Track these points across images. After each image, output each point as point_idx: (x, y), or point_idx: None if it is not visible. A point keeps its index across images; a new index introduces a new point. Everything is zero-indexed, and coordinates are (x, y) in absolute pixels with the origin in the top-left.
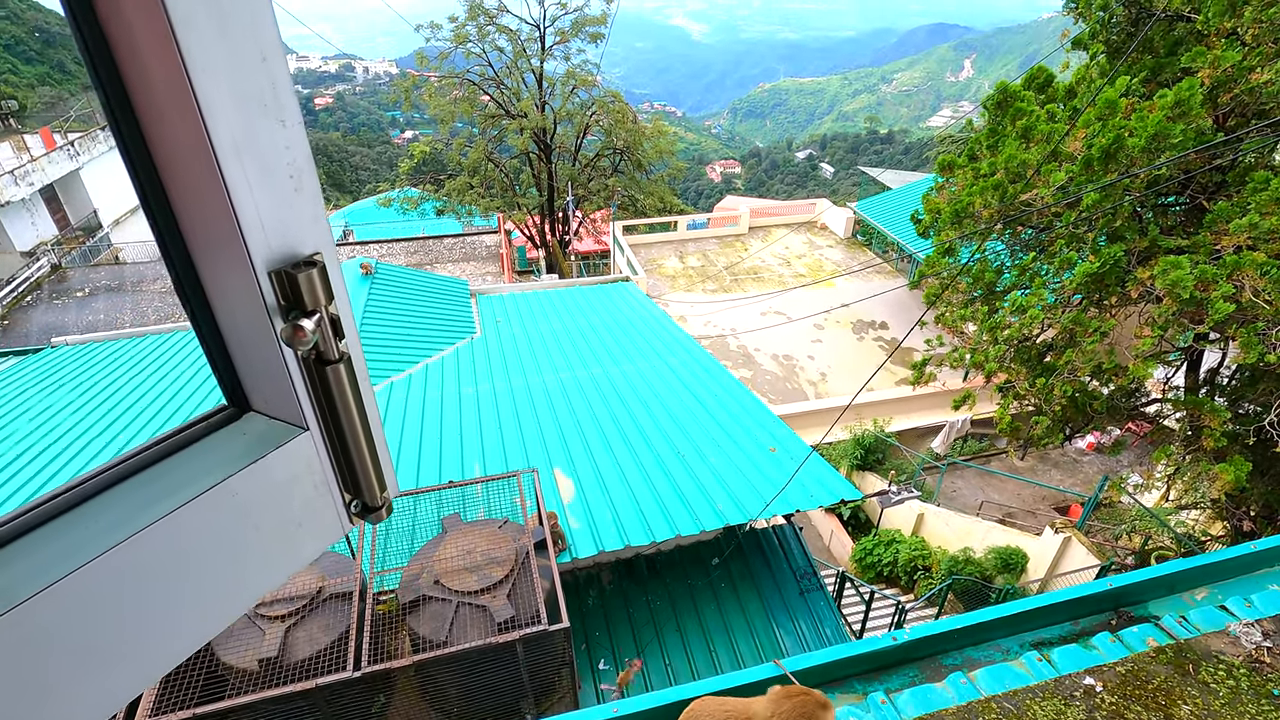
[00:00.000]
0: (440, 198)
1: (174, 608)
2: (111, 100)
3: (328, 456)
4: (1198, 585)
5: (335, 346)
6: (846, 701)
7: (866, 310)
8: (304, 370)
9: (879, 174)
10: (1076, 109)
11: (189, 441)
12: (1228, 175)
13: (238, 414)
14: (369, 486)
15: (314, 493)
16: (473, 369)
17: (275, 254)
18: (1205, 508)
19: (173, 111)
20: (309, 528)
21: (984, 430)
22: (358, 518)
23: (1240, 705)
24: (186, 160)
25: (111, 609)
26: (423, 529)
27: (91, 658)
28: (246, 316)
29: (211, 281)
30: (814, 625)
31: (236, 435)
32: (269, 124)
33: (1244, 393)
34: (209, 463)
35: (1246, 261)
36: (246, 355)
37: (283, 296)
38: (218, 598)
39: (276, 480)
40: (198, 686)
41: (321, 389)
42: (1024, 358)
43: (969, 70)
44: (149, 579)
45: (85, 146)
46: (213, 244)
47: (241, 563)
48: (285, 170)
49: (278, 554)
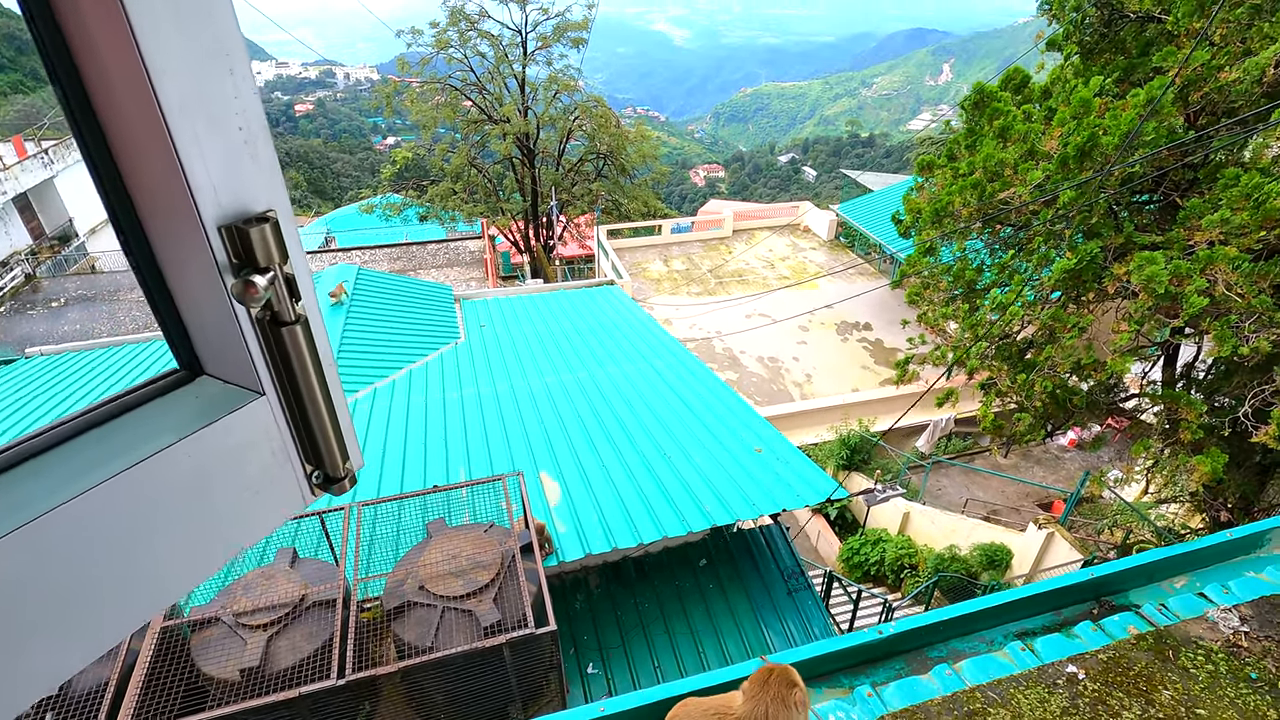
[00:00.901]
0: (423, 204)
1: (124, 575)
2: (49, 46)
3: (286, 423)
4: (1177, 574)
5: (291, 307)
6: (833, 696)
7: (850, 312)
8: (258, 332)
9: (861, 177)
10: (1052, 109)
11: (138, 403)
12: (1199, 173)
13: (190, 377)
14: (330, 456)
15: (272, 460)
16: (457, 374)
17: (225, 209)
18: (1184, 501)
19: (113, 56)
20: (267, 497)
21: (967, 429)
22: (319, 489)
23: (1219, 689)
24: (129, 109)
25: (53, 575)
26: (407, 535)
27: (32, 625)
28: (196, 275)
29: (159, 238)
30: (802, 625)
31: (189, 398)
32: (216, 71)
33: (1219, 386)
34: (159, 425)
35: (1219, 256)
36: (198, 315)
37: (234, 254)
38: (171, 566)
39: (231, 445)
40: (177, 698)
41: (277, 351)
42: (1005, 354)
43: (947, 74)
44: (95, 543)
45: (59, 155)
46: (159, 199)
47: (196, 531)
48: (234, 121)
49: (234, 523)
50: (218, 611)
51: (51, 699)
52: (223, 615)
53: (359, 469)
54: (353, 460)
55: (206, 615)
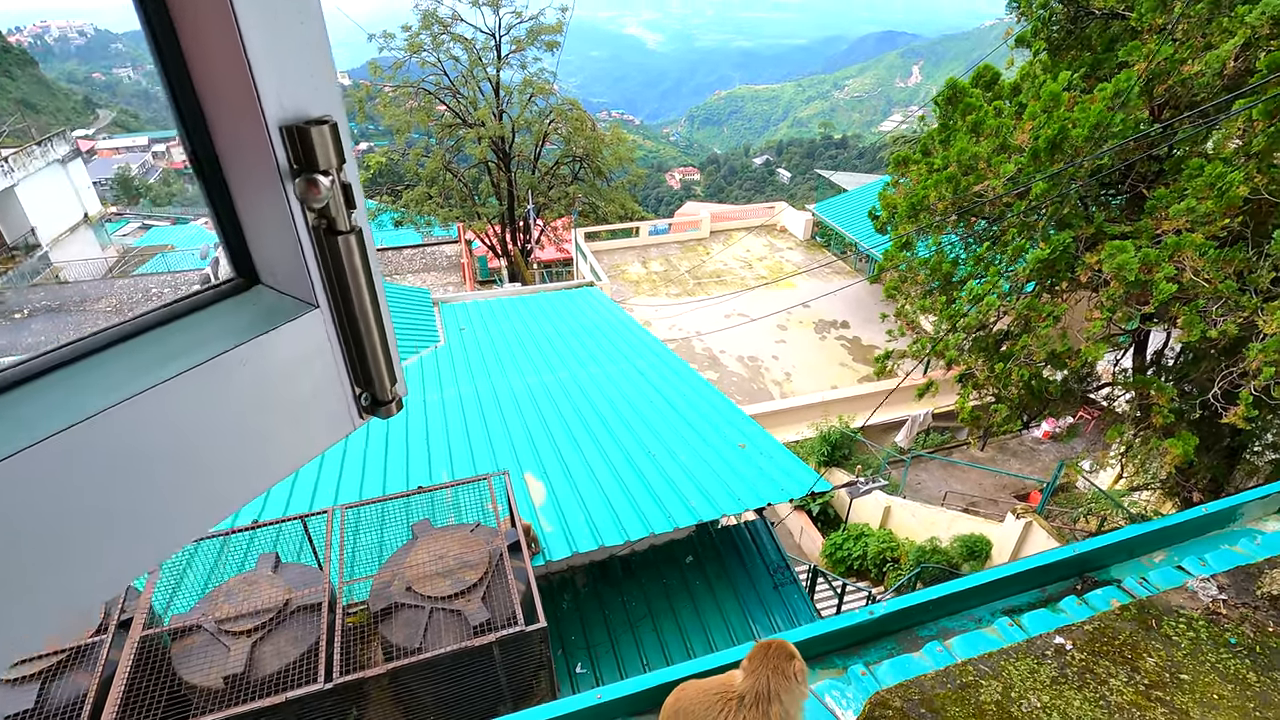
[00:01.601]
0: (398, 209)
1: (182, 481)
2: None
3: (338, 340)
4: (1155, 549)
5: (347, 216)
6: (827, 676)
7: (828, 310)
8: (315, 241)
9: (835, 177)
10: (1022, 104)
11: (195, 308)
12: (1165, 164)
13: (246, 285)
14: (379, 377)
15: (323, 376)
16: (438, 377)
17: (287, 109)
18: (1156, 488)
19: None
20: (319, 415)
21: (945, 424)
22: (367, 412)
23: (1201, 655)
24: (201, 4)
25: (114, 473)
26: (392, 537)
27: (92, 521)
28: (257, 177)
29: (223, 138)
30: (789, 618)
31: (245, 306)
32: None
33: (1188, 371)
34: (216, 330)
35: (1186, 244)
36: (257, 222)
37: (295, 157)
38: (225, 475)
39: (286, 356)
40: (159, 708)
41: (333, 261)
42: (982, 346)
43: (917, 76)
44: (155, 445)
45: (20, 163)
46: (225, 96)
47: (250, 440)
48: (298, 20)
49: (287, 437)
50: (199, 619)
51: (29, 712)
52: (204, 622)
53: (404, 395)
54: (399, 385)
55: (187, 623)
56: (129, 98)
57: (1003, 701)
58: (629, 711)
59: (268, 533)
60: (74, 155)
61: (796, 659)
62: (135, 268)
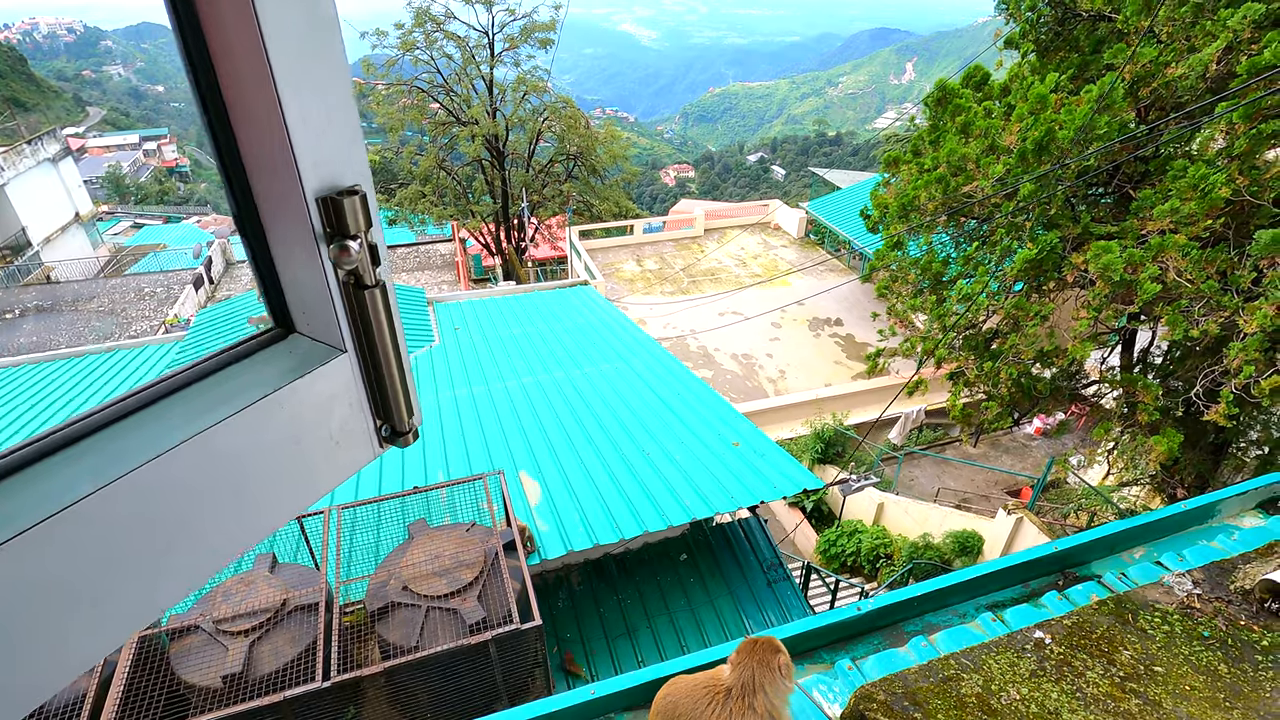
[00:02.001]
0: (391, 207)
1: (228, 511)
2: (187, 35)
3: (363, 379)
4: (1136, 544)
5: (373, 272)
6: (815, 670)
7: (822, 308)
8: (344, 294)
9: (829, 174)
10: (1011, 105)
11: (241, 356)
12: (1150, 165)
13: (284, 334)
14: (398, 411)
15: (350, 412)
16: (432, 377)
17: (323, 183)
18: (1145, 483)
19: (239, 43)
20: (345, 446)
21: (938, 420)
22: (387, 442)
23: (1175, 647)
24: (250, 91)
25: (171, 507)
26: (388, 537)
27: (150, 551)
28: (296, 241)
29: (267, 208)
30: (782, 615)
31: (283, 353)
32: (322, 62)
33: (1173, 369)
34: (259, 376)
35: (1169, 244)
36: (294, 279)
37: (328, 223)
38: (267, 502)
39: (318, 397)
40: (158, 708)
41: (359, 312)
42: (972, 344)
43: (911, 73)
44: (211, 478)
45: (10, 162)
46: (270, 174)
47: (287, 472)
48: (333, 104)
49: (318, 468)
50: (197, 619)
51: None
52: (202, 623)
53: (420, 426)
54: (415, 416)
55: (186, 623)
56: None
57: (983, 694)
58: (622, 707)
59: None
60: (64, 153)
61: (782, 653)
62: (127, 267)
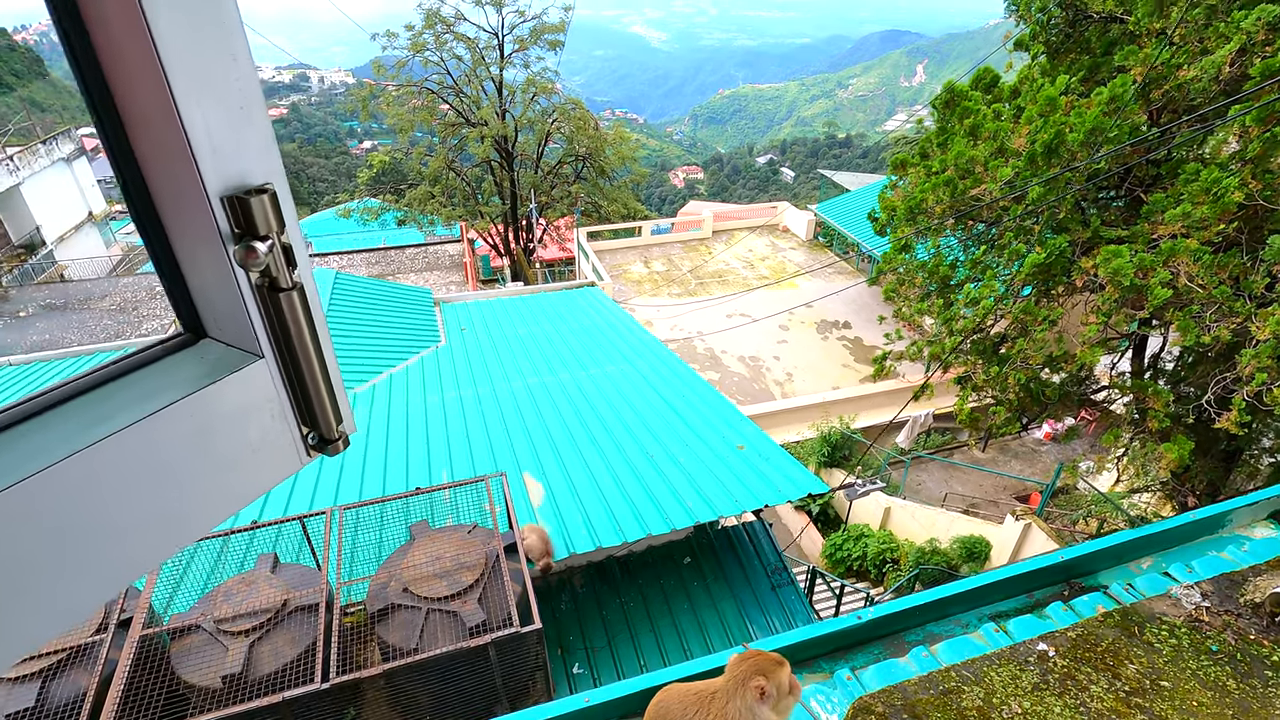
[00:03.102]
0: (401, 208)
1: (130, 524)
2: (73, 40)
3: (284, 385)
4: (1143, 554)
5: (288, 274)
6: (814, 680)
7: (830, 311)
8: (258, 297)
9: (838, 177)
10: (1021, 107)
11: (146, 362)
12: (1162, 168)
13: (194, 339)
14: (325, 418)
15: (271, 421)
16: (438, 377)
17: (228, 181)
18: (1155, 491)
19: (130, 47)
20: (267, 455)
21: (946, 424)
22: (315, 450)
23: (1182, 662)
24: (142, 91)
25: (65, 519)
26: (390, 538)
27: (38, 570)
28: (201, 243)
29: (167, 209)
30: (786, 620)
31: (194, 359)
32: (220, 55)
33: (1184, 375)
34: (166, 383)
35: (1181, 249)
36: (202, 281)
37: (236, 223)
38: (175, 517)
39: (233, 405)
40: (158, 707)
41: (275, 316)
42: (979, 349)
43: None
44: (104, 492)
45: (25, 161)
46: (168, 172)
47: (199, 484)
48: (236, 100)
49: (237, 478)
50: (198, 619)
51: (29, 710)
52: (203, 622)
53: (351, 433)
54: (345, 423)
55: (186, 623)
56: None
57: (984, 708)
58: (617, 715)
59: (267, 533)
60: (79, 153)
61: (784, 667)
62: (139, 266)
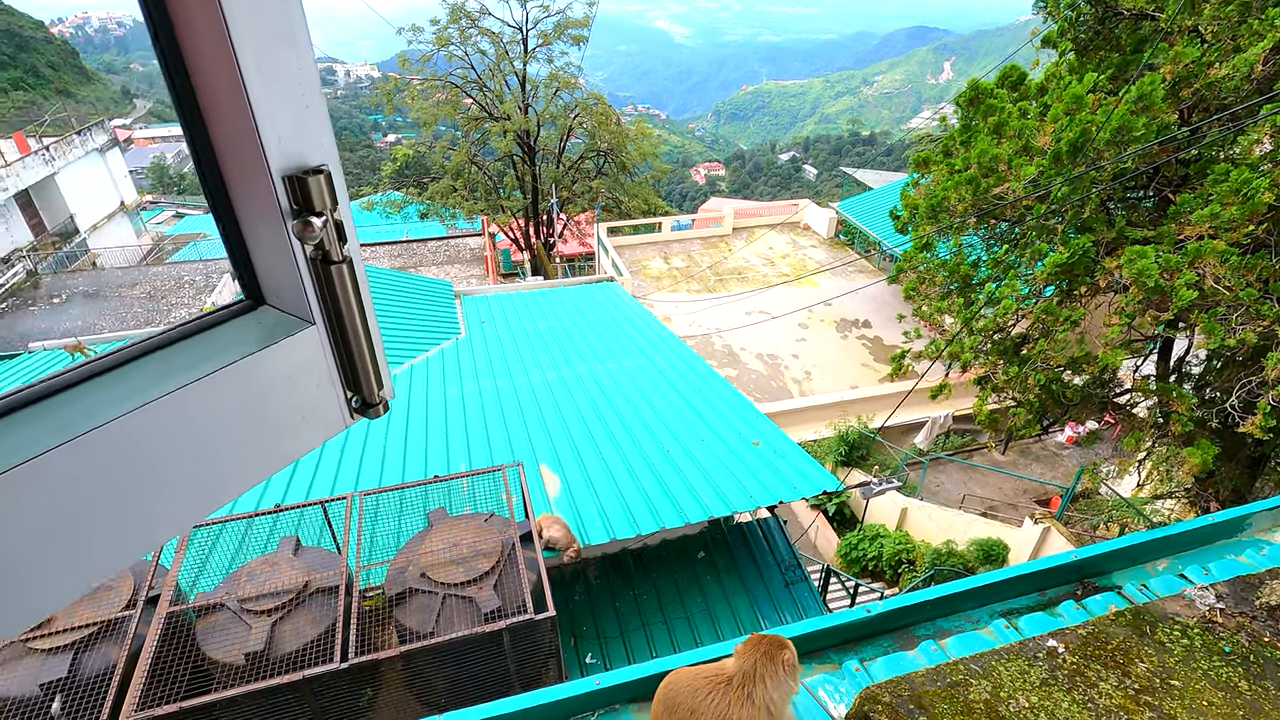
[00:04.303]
0: (423, 201)
1: (192, 471)
2: (158, 28)
3: (332, 351)
4: (1159, 556)
5: (339, 249)
6: (822, 671)
7: (850, 309)
8: (312, 269)
9: (861, 175)
10: (1047, 105)
11: (212, 325)
12: (1191, 168)
13: (254, 306)
14: (368, 382)
15: (318, 383)
16: (458, 369)
17: (288, 161)
18: (1179, 497)
19: (207, 36)
20: (314, 416)
21: (965, 426)
22: (357, 413)
23: (1194, 662)
24: (218, 81)
25: (136, 465)
26: (409, 524)
27: (112, 507)
28: (264, 217)
29: (235, 186)
30: (799, 616)
31: (252, 324)
32: (286, 50)
33: (1209, 379)
34: (227, 343)
35: (1208, 250)
36: (263, 253)
37: (295, 200)
38: (233, 467)
39: (286, 367)
40: (183, 681)
41: (327, 286)
42: (1000, 349)
43: (949, 73)
44: (167, 442)
45: (61, 151)
46: (237, 153)
47: (254, 438)
48: (298, 88)
49: (286, 435)
50: (222, 597)
51: (61, 680)
52: (227, 601)
53: (391, 399)
54: (386, 389)
55: (212, 601)
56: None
57: (991, 701)
58: (626, 698)
59: (290, 516)
60: (112, 144)
61: (789, 649)
62: (169, 255)
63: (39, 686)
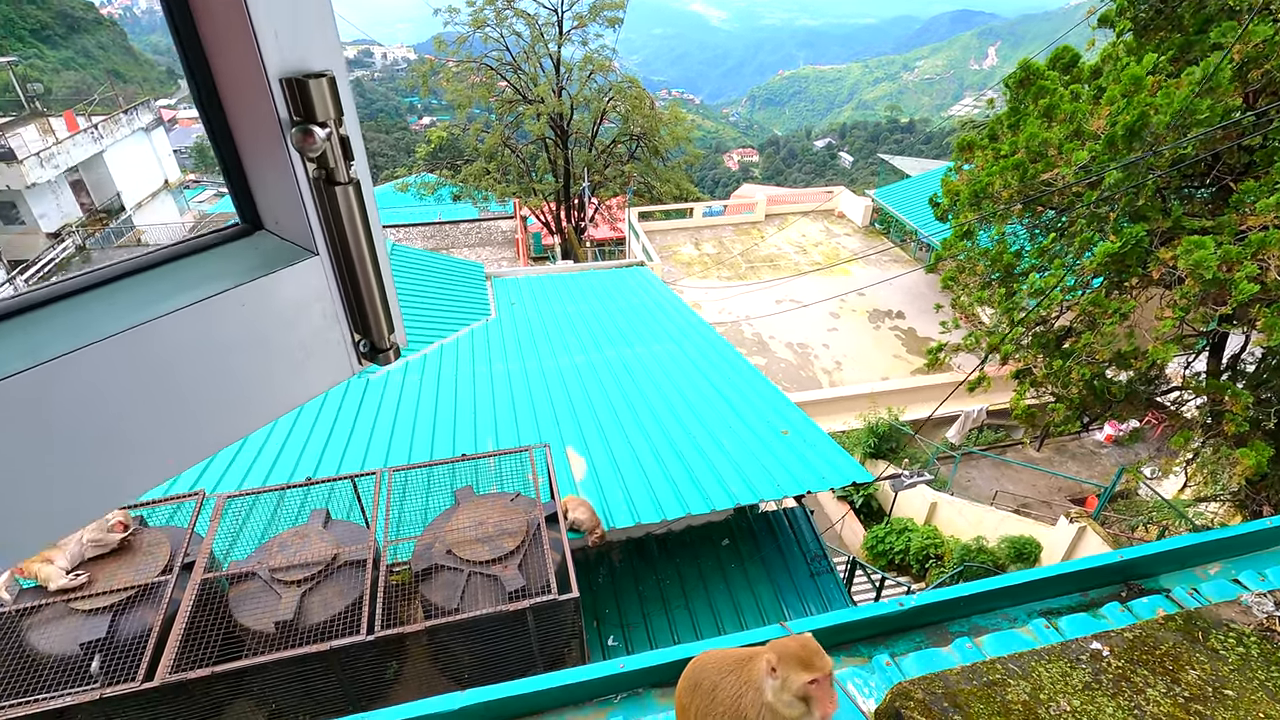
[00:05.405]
0: (457, 183)
1: (179, 408)
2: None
3: (337, 285)
4: (1210, 560)
5: (345, 168)
6: (851, 664)
7: (883, 300)
8: (314, 190)
9: (898, 162)
10: (1101, 88)
11: (201, 248)
12: (1256, 155)
13: (250, 230)
14: (377, 325)
15: (323, 322)
16: (487, 350)
17: (287, 64)
18: (1225, 500)
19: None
20: (318, 358)
21: (1000, 421)
22: (366, 358)
23: (1250, 671)
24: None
25: (116, 395)
26: (436, 501)
27: (95, 439)
28: (260, 126)
29: (228, 90)
30: (823, 607)
31: (248, 250)
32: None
33: (1266, 378)
34: (220, 269)
35: (1272, 240)
36: (260, 169)
37: (295, 109)
38: (223, 407)
39: (286, 300)
40: (216, 646)
41: (331, 211)
42: (1041, 342)
43: (993, 58)
44: (156, 373)
45: (108, 130)
46: (229, 51)
47: (246, 378)
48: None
49: (285, 377)
50: (254, 567)
51: (100, 641)
52: (259, 570)
53: (403, 346)
54: (397, 333)
55: (244, 570)
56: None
57: (1030, 703)
58: (649, 682)
59: (320, 490)
60: (156, 124)
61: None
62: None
63: (79, 646)
